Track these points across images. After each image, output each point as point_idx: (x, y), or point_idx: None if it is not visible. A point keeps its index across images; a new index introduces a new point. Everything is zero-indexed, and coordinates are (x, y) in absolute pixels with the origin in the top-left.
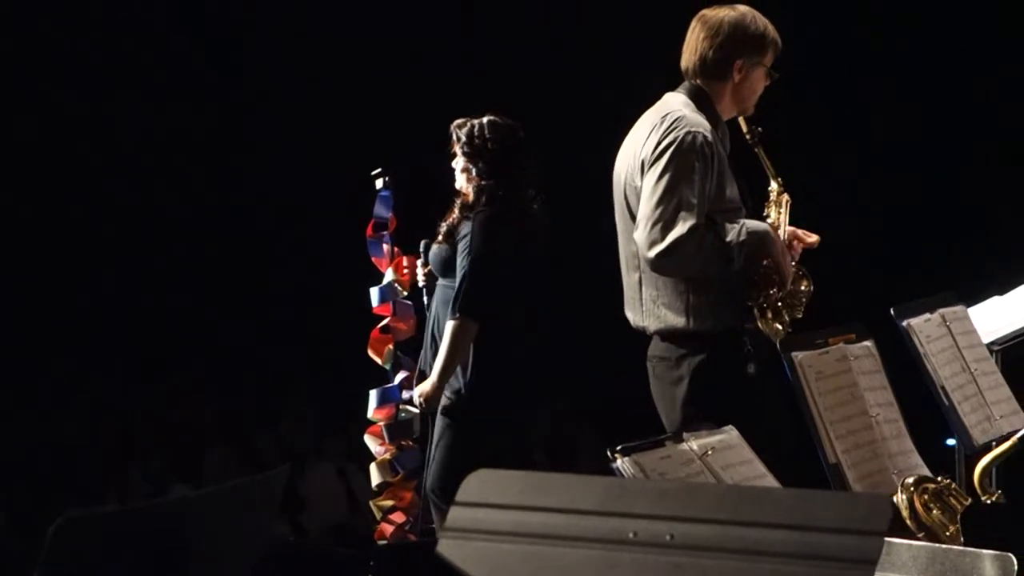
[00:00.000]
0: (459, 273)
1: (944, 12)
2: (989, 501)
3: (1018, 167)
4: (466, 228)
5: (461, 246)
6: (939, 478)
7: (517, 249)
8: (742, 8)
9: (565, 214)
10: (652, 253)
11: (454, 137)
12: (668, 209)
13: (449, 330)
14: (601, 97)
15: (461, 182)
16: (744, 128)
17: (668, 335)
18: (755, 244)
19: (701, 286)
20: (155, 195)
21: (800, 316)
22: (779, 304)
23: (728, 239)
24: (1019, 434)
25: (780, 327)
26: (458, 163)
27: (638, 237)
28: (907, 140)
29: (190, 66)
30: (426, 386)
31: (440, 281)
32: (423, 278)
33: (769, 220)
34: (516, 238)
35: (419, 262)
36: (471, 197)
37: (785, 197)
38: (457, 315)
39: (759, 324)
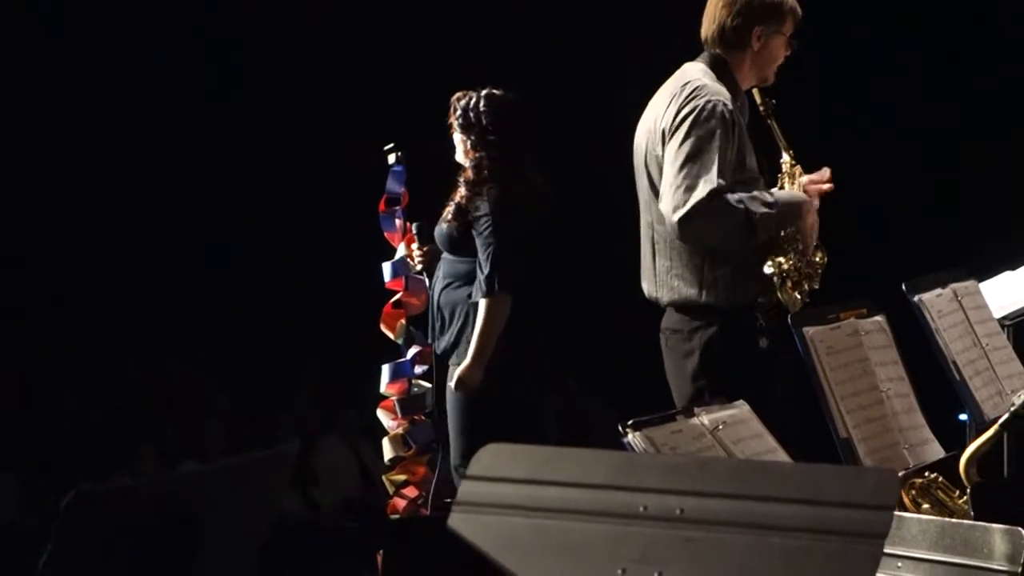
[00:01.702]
0: (483, 252)
1: None
2: None
3: None
4: (482, 206)
5: (482, 224)
6: (926, 473)
7: (532, 224)
8: None
9: (578, 190)
10: (675, 217)
11: (451, 109)
12: (690, 175)
13: (484, 309)
14: (618, 68)
15: (460, 155)
16: (758, 100)
17: (681, 307)
18: (787, 215)
19: (716, 260)
20: (165, 176)
21: (817, 287)
22: (798, 273)
23: (755, 212)
24: (999, 423)
25: (800, 296)
26: (456, 136)
27: (663, 206)
28: (918, 114)
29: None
30: (465, 370)
31: (448, 256)
32: (420, 260)
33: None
34: (530, 212)
35: (414, 245)
36: (471, 172)
37: (798, 169)
38: (491, 293)
39: (778, 294)
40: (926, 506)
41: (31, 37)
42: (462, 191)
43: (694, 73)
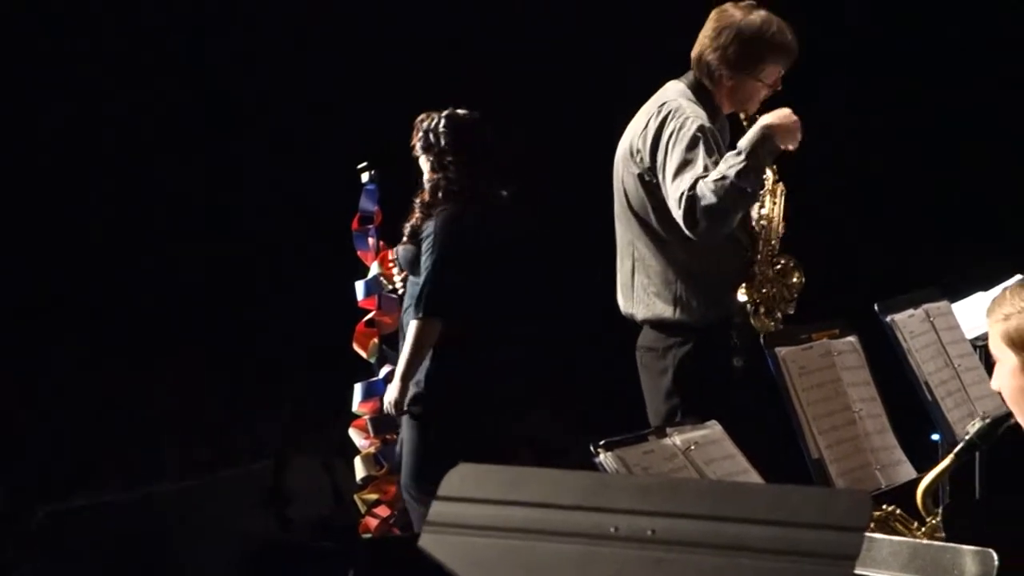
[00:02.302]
0: (423, 273)
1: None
2: (933, 522)
3: (1003, 163)
4: (429, 227)
5: (425, 245)
6: (883, 506)
7: (480, 246)
8: (758, 13)
9: (557, 208)
10: (694, 234)
11: (415, 131)
12: (683, 184)
13: (412, 330)
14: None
15: (425, 177)
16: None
17: (656, 324)
18: (762, 151)
19: (690, 278)
20: (133, 187)
21: (791, 312)
22: (772, 300)
23: (735, 176)
24: (954, 452)
25: (773, 324)
26: (420, 158)
27: (679, 220)
28: (887, 133)
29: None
30: (392, 391)
31: (410, 278)
32: (400, 282)
33: (764, 211)
34: (479, 235)
35: (395, 268)
36: (427, 194)
37: (780, 187)
38: (420, 315)
39: (752, 320)
40: None
41: (23, 36)
42: (416, 212)
43: (672, 94)
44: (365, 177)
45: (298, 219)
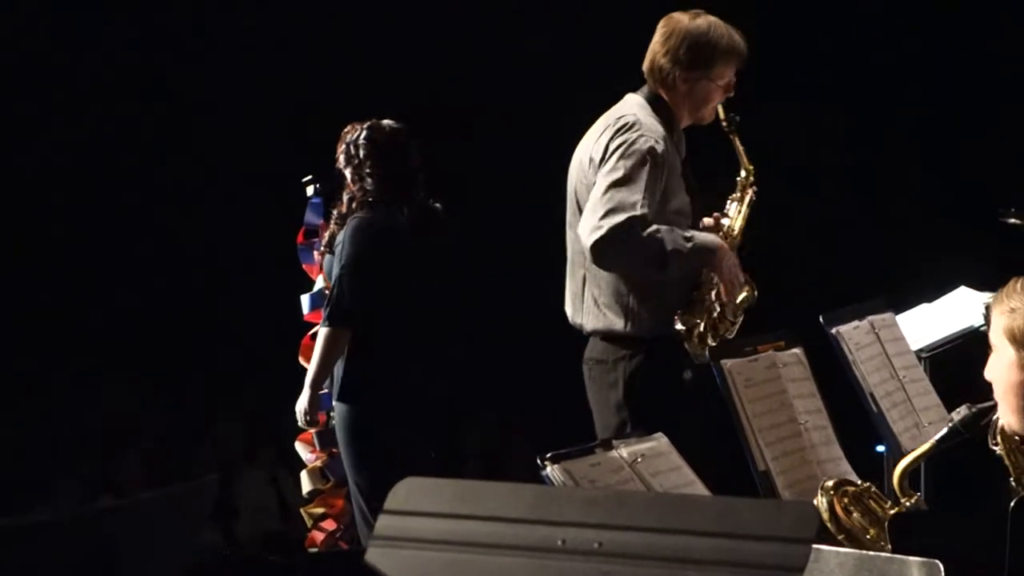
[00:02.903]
0: (333, 283)
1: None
2: (908, 503)
3: (946, 174)
4: (339, 237)
5: (337, 255)
6: (859, 482)
7: (389, 254)
8: (705, 18)
9: (500, 216)
10: (590, 240)
11: (339, 143)
12: (613, 200)
13: (320, 339)
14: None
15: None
16: (721, 115)
17: (605, 336)
18: (700, 257)
19: (642, 290)
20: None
21: (732, 335)
22: (713, 330)
23: (668, 246)
24: (936, 437)
25: (703, 350)
26: (341, 169)
27: (580, 227)
28: (834, 145)
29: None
30: (302, 400)
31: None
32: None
33: (726, 221)
34: (387, 243)
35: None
36: (344, 206)
37: (750, 193)
38: (327, 324)
39: (686, 344)
40: (856, 514)
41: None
42: (332, 224)
43: (630, 107)
44: (310, 190)
45: (243, 233)
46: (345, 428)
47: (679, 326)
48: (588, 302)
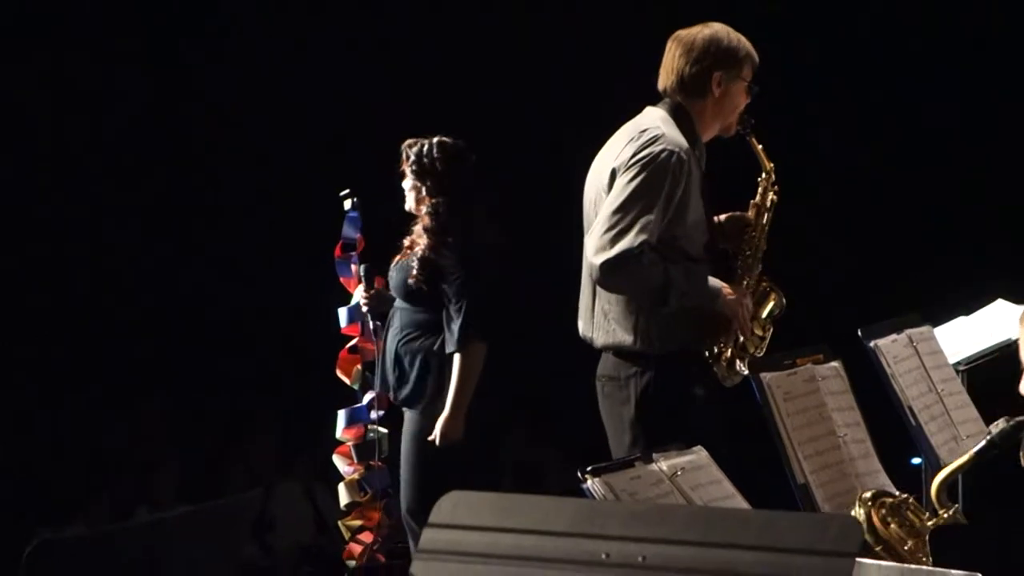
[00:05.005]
0: (455, 304)
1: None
2: (946, 515)
3: (983, 188)
4: (449, 257)
5: (450, 277)
6: (897, 493)
7: (492, 271)
8: (715, 25)
9: (531, 234)
10: (597, 260)
11: (404, 156)
12: (625, 219)
13: (460, 362)
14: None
15: (411, 202)
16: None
17: (616, 351)
18: (700, 296)
19: (652, 307)
20: (114, 215)
21: (761, 353)
22: (742, 350)
23: (672, 278)
24: (974, 449)
25: (737, 373)
26: (407, 182)
27: (588, 242)
28: (873, 161)
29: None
30: (446, 424)
31: (404, 306)
32: (365, 301)
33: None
34: (488, 260)
35: (361, 287)
36: (427, 219)
37: (771, 194)
38: (466, 346)
39: (716, 371)
40: (894, 525)
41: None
42: (424, 240)
43: (653, 120)
44: (347, 204)
45: (282, 246)
46: (417, 436)
47: (706, 352)
48: (599, 316)
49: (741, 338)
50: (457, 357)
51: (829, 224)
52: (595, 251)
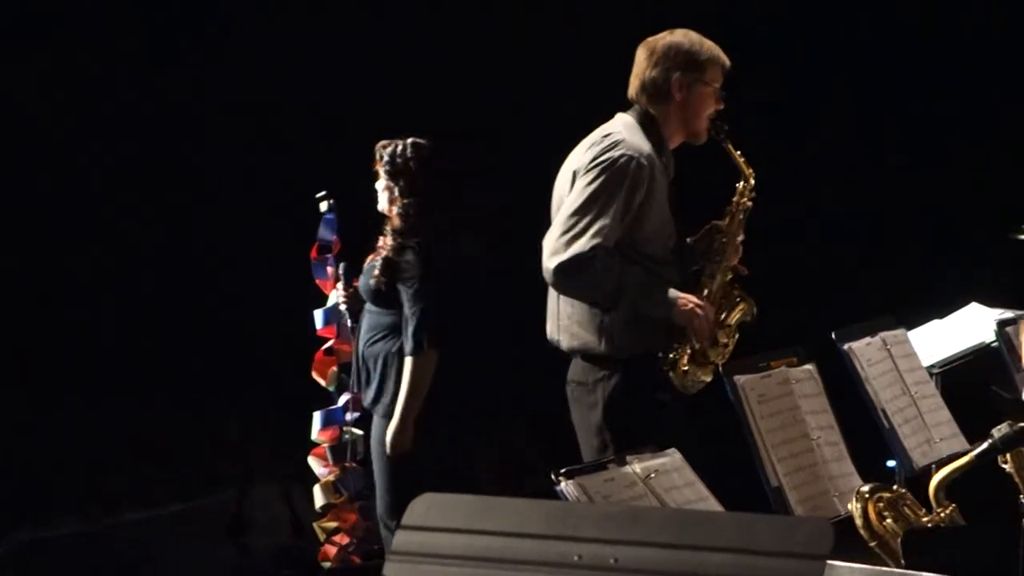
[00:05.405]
0: (410, 308)
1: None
2: (944, 514)
3: (956, 192)
4: (410, 259)
5: (408, 280)
6: (894, 487)
7: (454, 276)
8: (681, 31)
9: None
10: (551, 263)
11: (377, 156)
12: (580, 223)
13: (410, 367)
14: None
15: (383, 202)
16: (709, 128)
17: (583, 355)
18: (653, 305)
19: (616, 310)
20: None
21: (722, 361)
22: (702, 356)
23: (624, 285)
24: (976, 451)
25: (696, 379)
26: (380, 183)
27: (544, 243)
28: (845, 162)
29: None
30: (395, 432)
31: (372, 308)
32: (344, 300)
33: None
34: (451, 264)
35: (340, 284)
36: (397, 220)
37: (745, 200)
38: (418, 351)
39: (672, 377)
40: (889, 520)
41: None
42: (389, 241)
43: (617, 125)
44: (324, 206)
45: (255, 247)
46: (383, 440)
47: (662, 356)
48: (563, 319)
49: (697, 346)
50: (408, 362)
51: (806, 227)
52: (549, 254)
